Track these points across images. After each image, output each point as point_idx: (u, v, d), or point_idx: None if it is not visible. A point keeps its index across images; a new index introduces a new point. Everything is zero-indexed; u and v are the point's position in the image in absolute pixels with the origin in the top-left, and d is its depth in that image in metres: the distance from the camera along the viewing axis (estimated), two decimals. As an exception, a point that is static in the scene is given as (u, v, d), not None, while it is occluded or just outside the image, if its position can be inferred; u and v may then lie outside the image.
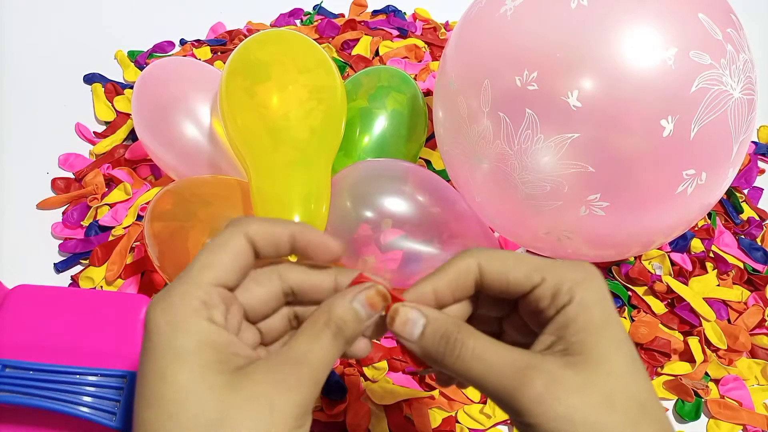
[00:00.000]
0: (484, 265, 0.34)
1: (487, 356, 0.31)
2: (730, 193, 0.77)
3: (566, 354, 0.31)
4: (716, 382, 0.62)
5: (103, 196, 0.75)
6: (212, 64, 0.88)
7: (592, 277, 0.33)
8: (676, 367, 0.63)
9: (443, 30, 0.98)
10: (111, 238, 0.71)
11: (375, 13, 1.02)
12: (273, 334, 0.36)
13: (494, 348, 0.32)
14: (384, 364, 0.62)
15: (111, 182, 0.77)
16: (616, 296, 0.67)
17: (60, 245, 0.71)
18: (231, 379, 0.29)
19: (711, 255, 0.71)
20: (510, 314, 0.37)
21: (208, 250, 0.32)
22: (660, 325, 0.65)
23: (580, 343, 0.31)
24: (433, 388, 0.61)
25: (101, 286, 0.67)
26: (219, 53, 0.94)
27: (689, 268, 0.70)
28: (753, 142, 0.85)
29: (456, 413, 0.60)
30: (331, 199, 0.59)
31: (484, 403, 0.60)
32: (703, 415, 0.61)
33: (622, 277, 0.68)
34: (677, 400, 0.61)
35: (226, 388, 0.29)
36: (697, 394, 0.61)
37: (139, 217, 0.72)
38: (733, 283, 0.69)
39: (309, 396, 0.30)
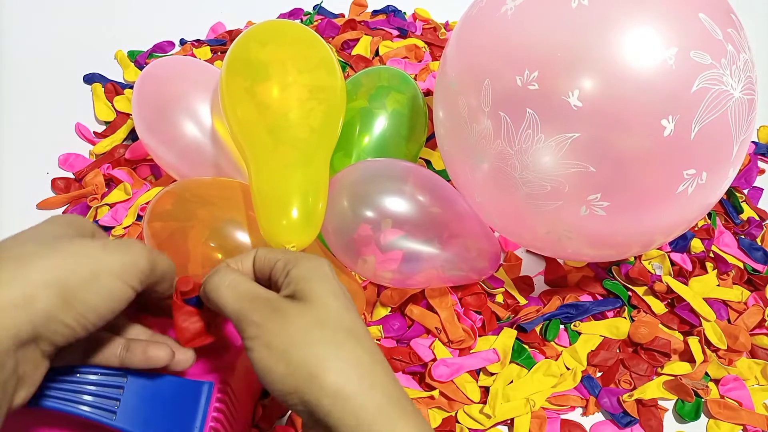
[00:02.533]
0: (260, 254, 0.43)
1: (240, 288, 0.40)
2: (730, 193, 0.77)
3: (294, 297, 0.39)
4: (716, 382, 0.63)
5: (103, 196, 0.75)
6: (212, 64, 0.88)
7: (314, 256, 0.42)
8: (676, 367, 0.63)
9: (443, 30, 0.98)
10: (111, 238, 0.71)
11: (375, 13, 1.02)
12: None
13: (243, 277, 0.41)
14: (384, 364, 0.61)
15: (111, 182, 0.77)
16: (616, 296, 0.67)
17: (60, 245, 0.71)
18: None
19: (711, 255, 0.71)
20: None
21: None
22: (660, 325, 0.65)
23: (302, 290, 0.39)
24: (433, 388, 0.61)
25: (101, 286, 0.67)
26: (219, 53, 0.94)
27: (689, 268, 0.70)
28: (753, 142, 0.85)
29: (456, 413, 0.60)
30: (332, 199, 0.59)
31: (484, 403, 0.60)
32: (703, 415, 0.61)
33: (622, 277, 0.68)
34: (677, 400, 0.61)
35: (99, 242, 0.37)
36: (697, 394, 0.61)
37: (139, 217, 0.72)
38: (733, 283, 0.69)
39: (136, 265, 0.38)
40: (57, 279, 0.34)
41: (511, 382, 0.61)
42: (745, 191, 0.78)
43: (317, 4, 1.04)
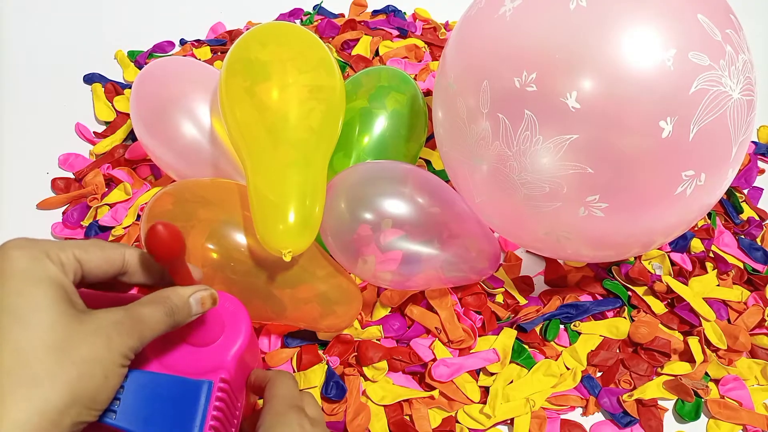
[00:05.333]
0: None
1: None
2: (730, 193, 0.77)
3: None
4: (716, 382, 0.63)
5: (103, 196, 0.75)
6: (212, 64, 0.88)
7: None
8: (676, 367, 0.63)
9: (443, 30, 0.98)
10: (111, 238, 0.71)
11: (375, 13, 1.02)
12: None
13: None
14: (384, 364, 0.62)
15: (111, 182, 0.77)
16: (616, 296, 0.67)
17: (60, 245, 0.71)
18: (77, 315, 0.35)
19: (711, 255, 0.71)
20: None
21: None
22: (660, 325, 0.65)
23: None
24: (433, 388, 0.61)
25: (101, 286, 0.67)
26: (219, 53, 0.94)
27: (689, 268, 0.70)
28: (753, 142, 0.85)
29: (456, 413, 0.60)
30: (331, 201, 0.59)
31: (484, 403, 0.60)
32: (703, 415, 0.61)
33: (622, 277, 0.69)
34: (677, 400, 0.61)
35: (74, 319, 0.34)
36: (697, 394, 0.61)
37: (139, 217, 0.72)
38: (733, 283, 0.69)
39: (137, 345, 0.37)
40: (73, 399, 0.33)
41: (511, 382, 0.61)
42: (745, 191, 0.78)
43: (317, 4, 1.04)
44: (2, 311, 0.33)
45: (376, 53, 0.94)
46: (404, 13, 1.02)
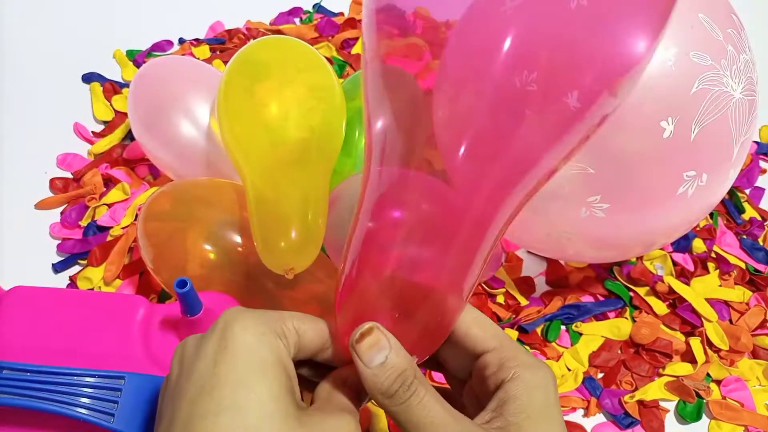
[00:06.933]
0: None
1: (433, 411, 0.31)
2: (731, 193, 0.77)
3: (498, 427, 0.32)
4: (718, 382, 0.62)
5: (102, 195, 0.75)
6: (211, 63, 0.88)
7: (541, 366, 0.34)
8: (678, 367, 0.62)
9: (443, 29, 0.98)
10: (109, 238, 0.70)
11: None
12: None
13: (441, 405, 0.32)
14: (383, 365, 0.61)
15: (109, 182, 0.77)
16: (617, 297, 0.67)
17: (58, 245, 0.71)
18: (297, 413, 0.30)
19: (713, 255, 0.71)
20: (464, 386, 0.38)
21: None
22: (662, 326, 0.65)
23: (518, 425, 0.31)
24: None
25: (99, 287, 0.67)
26: (218, 52, 0.93)
27: (691, 268, 0.69)
28: (755, 141, 0.85)
29: (456, 414, 0.60)
30: (333, 210, 0.58)
31: (484, 404, 0.60)
32: (704, 416, 0.60)
33: (623, 278, 0.68)
34: (679, 401, 0.61)
35: (297, 421, 0.29)
36: (698, 395, 0.61)
37: (137, 217, 0.72)
38: (735, 284, 0.69)
39: None
40: None
41: (512, 383, 0.61)
42: (747, 191, 0.78)
43: (317, 3, 1.03)
44: (226, 410, 0.29)
45: (376, 52, 0.94)
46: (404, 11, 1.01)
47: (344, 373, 0.35)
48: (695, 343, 0.63)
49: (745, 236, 0.73)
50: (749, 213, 0.76)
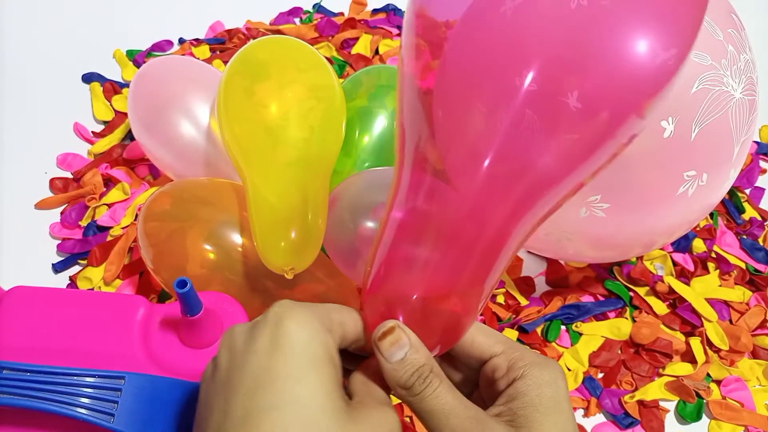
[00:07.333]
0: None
1: (444, 400, 0.33)
2: (732, 193, 0.77)
3: (511, 424, 0.33)
4: (718, 383, 0.62)
5: (102, 195, 0.75)
6: (211, 63, 0.88)
7: (550, 363, 0.35)
8: (678, 367, 0.62)
9: (443, 29, 0.98)
10: (109, 238, 0.70)
11: (375, 11, 1.02)
12: None
13: (453, 395, 0.34)
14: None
15: (109, 182, 0.77)
16: (617, 297, 0.67)
17: (58, 245, 0.71)
18: (347, 407, 0.31)
19: (713, 255, 0.71)
20: (473, 391, 0.39)
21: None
22: (662, 326, 0.65)
23: (526, 417, 0.33)
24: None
25: (99, 287, 0.67)
26: (218, 52, 0.93)
27: (691, 268, 0.69)
28: (755, 141, 0.85)
29: (456, 414, 0.60)
30: (333, 210, 0.58)
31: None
32: (704, 416, 0.60)
33: (623, 278, 0.68)
34: (679, 401, 0.61)
35: (347, 415, 0.31)
36: (698, 395, 0.61)
37: (137, 217, 0.72)
38: (735, 284, 0.69)
39: None
40: None
41: (512, 383, 0.61)
42: (747, 191, 0.78)
43: (317, 3, 1.03)
44: (279, 404, 0.29)
45: (376, 52, 0.94)
46: (404, 11, 1.01)
47: (374, 363, 0.36)
48: (695, 343, 0.63)
49: (745, 236, 0.73)
50: (749, 213, 0.76)
